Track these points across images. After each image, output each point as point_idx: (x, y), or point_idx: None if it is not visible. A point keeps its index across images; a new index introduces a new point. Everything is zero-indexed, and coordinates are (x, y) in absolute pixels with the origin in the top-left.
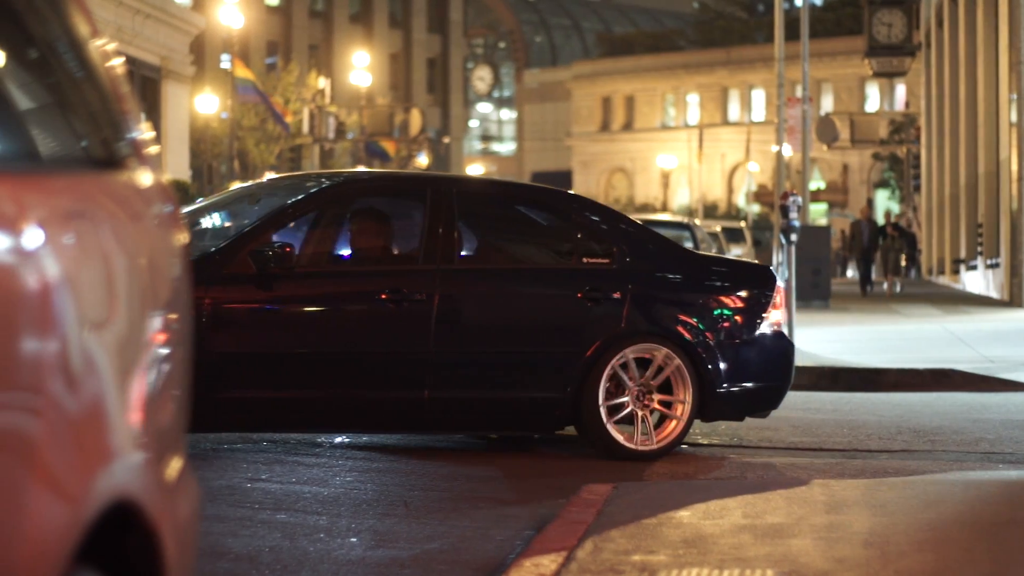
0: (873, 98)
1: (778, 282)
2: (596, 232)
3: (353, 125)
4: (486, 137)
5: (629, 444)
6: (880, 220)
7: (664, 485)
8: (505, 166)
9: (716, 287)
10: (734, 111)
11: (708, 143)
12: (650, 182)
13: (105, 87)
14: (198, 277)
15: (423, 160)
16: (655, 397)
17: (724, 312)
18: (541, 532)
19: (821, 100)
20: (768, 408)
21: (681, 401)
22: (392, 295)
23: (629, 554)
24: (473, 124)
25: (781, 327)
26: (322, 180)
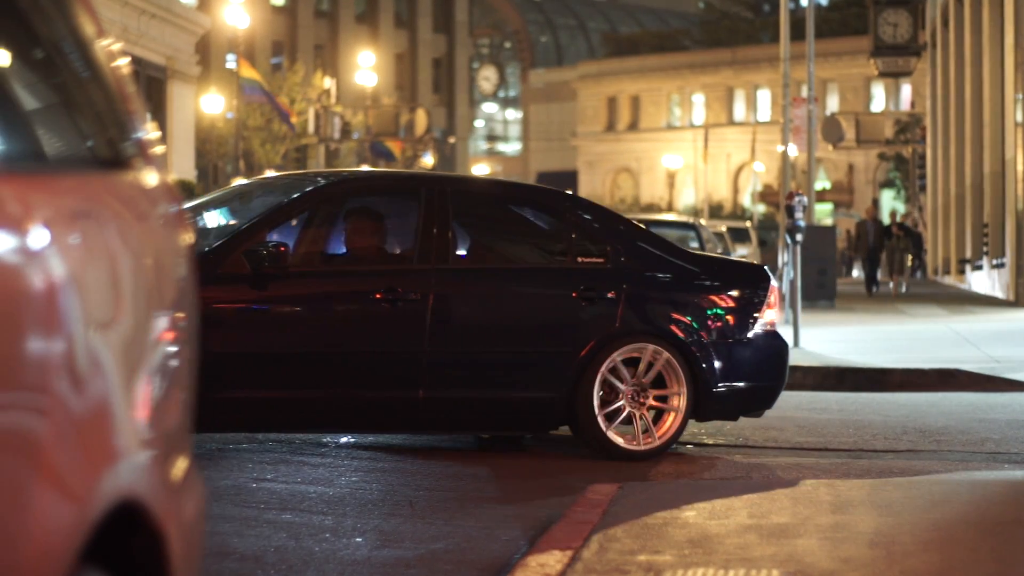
0: (879, 98)
1: (772, 282)
2: (591, 231)
3: (359, 125)
4: (492, 137)
5: (624, 444)
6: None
7: (669, 485)
8: (511, 166)
9: (711, 287)
10: (739, 111)
11: (713, 143)
12: (655, 182)
13: (111, 87)
14: None
15: (428, 160)
16: (650, 393)
17: (719, 312)
18: (547, 532)
19: (827, 100)
20: (762, 408)
21: (676, 398)
22: (387, 295)
23: (635, 554)
24: (478, 124)
25: (775, 327)
26: (317, 179)
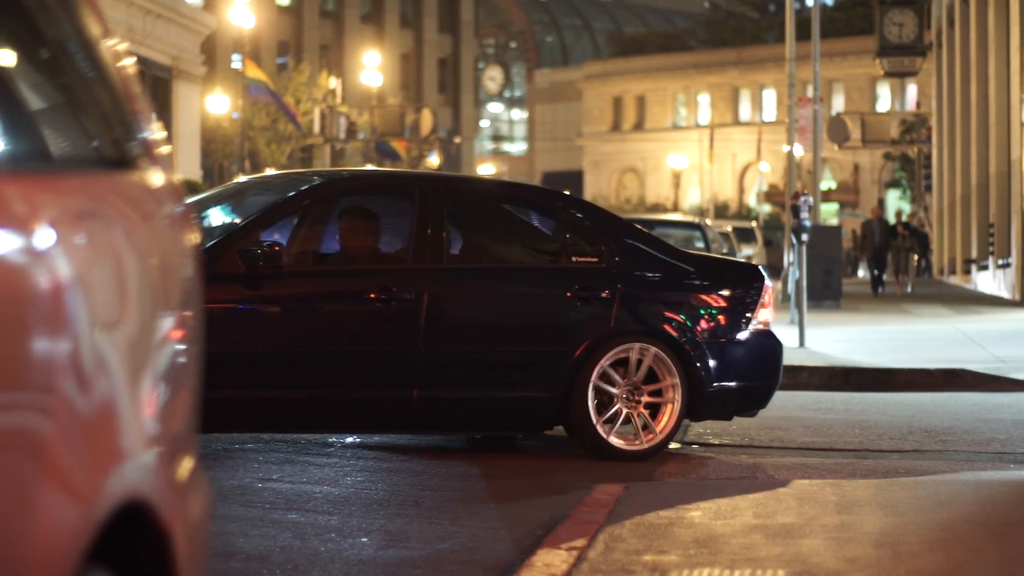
0: (884, 98)
1: (767, 281)
2: (585, 231)
3: (364, 125)
4: (497, 137)
5: (624, 446)
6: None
7: (675, 485)
8: (516, 166)
9: (705, 286)
10: (745, 111)
11: (719, 143)
12: (661, 182)
13: (116, 87)
14: None
15: (434, 160)
16: (644, 390)
17: (713, 311)
18: (552, 532)
19: (832, 100)
20: (756, 407)
21: (670, 390)
22: (381, 294)
23: (640, 554)
24: (484, 124)
25: (770, 326)
26: (312, 178)
